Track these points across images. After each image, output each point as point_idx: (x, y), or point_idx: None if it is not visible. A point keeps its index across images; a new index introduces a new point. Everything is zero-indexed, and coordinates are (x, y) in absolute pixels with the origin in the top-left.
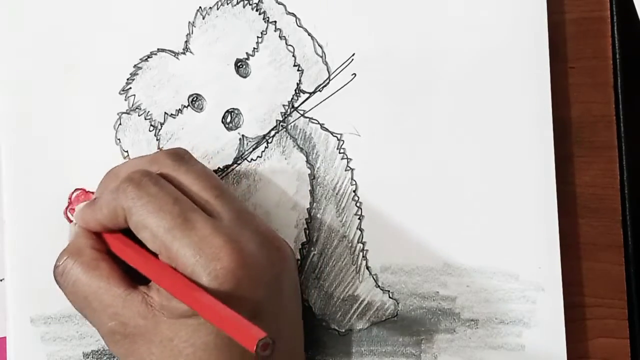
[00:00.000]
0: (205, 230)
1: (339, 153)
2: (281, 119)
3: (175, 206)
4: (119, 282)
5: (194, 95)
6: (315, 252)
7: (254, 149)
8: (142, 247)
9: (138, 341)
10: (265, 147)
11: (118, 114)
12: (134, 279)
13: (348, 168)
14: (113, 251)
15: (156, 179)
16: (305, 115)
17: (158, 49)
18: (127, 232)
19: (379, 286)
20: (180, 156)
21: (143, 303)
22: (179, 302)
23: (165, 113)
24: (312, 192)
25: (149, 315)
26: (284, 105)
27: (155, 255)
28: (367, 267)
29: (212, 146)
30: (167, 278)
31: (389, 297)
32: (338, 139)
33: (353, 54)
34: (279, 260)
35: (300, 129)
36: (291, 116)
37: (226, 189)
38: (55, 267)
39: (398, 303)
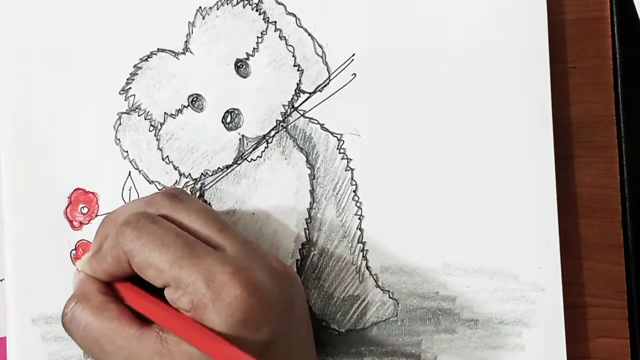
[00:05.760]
0: (213, 259)
1: (339, 153)
2: (281, 119)
3: (178, 239)
4: (131, 322)
5: (194, 95)
6: (315, 252)
7: (254, 149)
8: (151, 292)
9: None
10: (265, 147)
11: (118, 114)
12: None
13: (348, 168)
14: (125, 301)
15: (153, 218)
16: (305, 115)
17: (158, 49)
18: (138, 281)
19: (379, 286)
20: (176, 195)
21: (158, 340)
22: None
23: (165, 113)
24: (312, 192)
25: (164, 352)
26: (284, 105)
27: (163, 297)
28: (367, 267)
29: (212, 146)
30: (177, 323)
31: (389, 297)
32: (338, 139)
33: (353, 54)
34: (289, 286)
35: (300, 129)
36: (291, 116)
37: (227, 222)
38: (64, 314)
39: (398, 303)
